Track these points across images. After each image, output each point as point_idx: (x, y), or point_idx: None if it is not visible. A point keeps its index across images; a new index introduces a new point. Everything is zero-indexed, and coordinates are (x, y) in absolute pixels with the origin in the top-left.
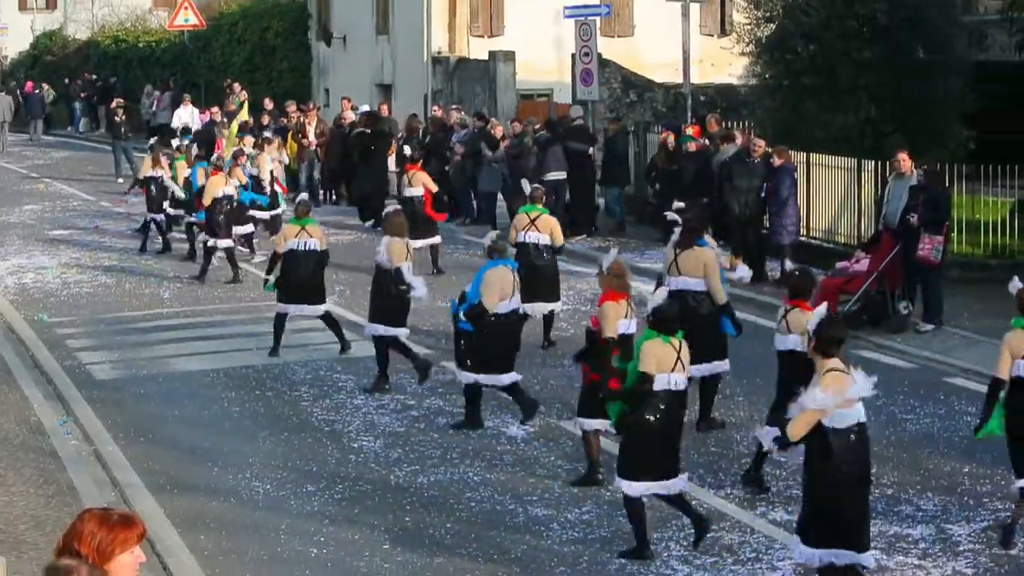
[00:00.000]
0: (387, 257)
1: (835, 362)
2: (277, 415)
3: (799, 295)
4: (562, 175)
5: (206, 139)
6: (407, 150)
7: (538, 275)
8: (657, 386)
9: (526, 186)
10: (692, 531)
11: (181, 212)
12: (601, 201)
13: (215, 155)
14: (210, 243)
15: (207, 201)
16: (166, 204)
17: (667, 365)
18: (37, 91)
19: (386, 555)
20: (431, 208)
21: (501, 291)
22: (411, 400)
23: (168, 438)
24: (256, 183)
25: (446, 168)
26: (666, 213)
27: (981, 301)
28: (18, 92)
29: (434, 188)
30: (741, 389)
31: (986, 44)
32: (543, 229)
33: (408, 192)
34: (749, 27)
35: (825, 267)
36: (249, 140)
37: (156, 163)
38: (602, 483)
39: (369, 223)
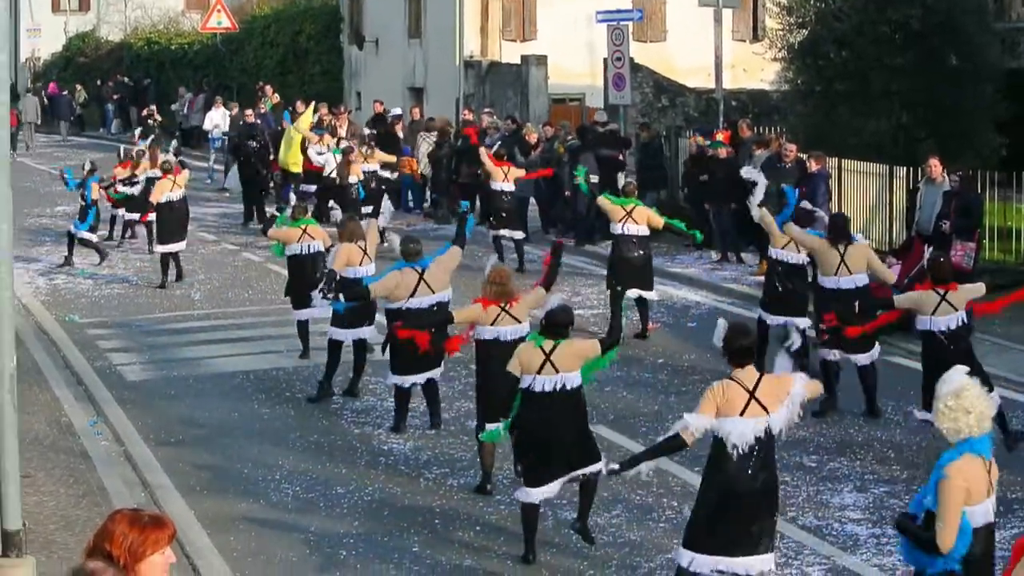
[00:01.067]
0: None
1: (741, 372)
2: (307, 417)
3: (944, 279)
4: (594, 179)
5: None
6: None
7: (631, 266)
8: (523, 385)
9: (620, 179)
10: None
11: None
12: None
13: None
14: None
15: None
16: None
17: (533, 367)
18: (64, 92)
19: (415, 558)
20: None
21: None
22: (441, 403)
23: (198, 440)
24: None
25: (478, 172)
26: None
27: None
28: (43, 94)
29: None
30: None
31: (1019, 51)
32: (640, 220)
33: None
34: (781, 32)
35: None
36: (328, 138)
37: (155, 163)
38: (490, 493)
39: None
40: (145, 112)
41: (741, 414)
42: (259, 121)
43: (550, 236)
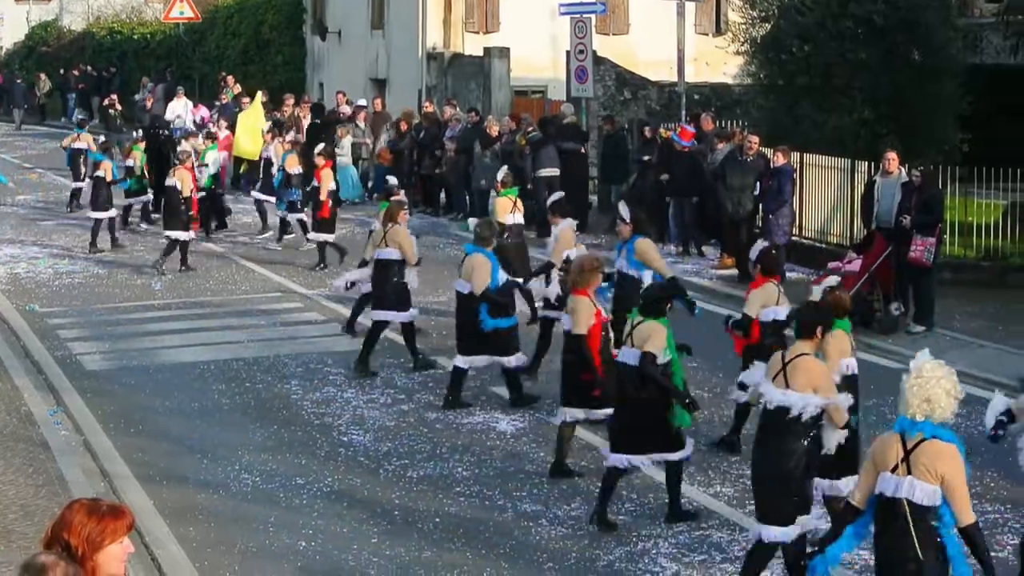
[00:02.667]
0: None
1: (800, 345)
2: (267, 407)
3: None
4: (555, 172)
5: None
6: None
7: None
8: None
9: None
10: (682, 529)
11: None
12: (594, 199)
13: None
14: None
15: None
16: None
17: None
18: (19, 80)
19: (374, 549)
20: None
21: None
22: (401, 394)
23: (158, 429)
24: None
25: (440, 164)
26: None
27: (972, 303)
28: None
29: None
30: (732, 387)
31: (981, 47)
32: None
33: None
34: (744, 26)
35: (817, 267)
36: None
37: (128, 155)
38: (572, 474)
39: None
40: (106, 102)
41: (773, 379)
42: (215, 114)
43: None
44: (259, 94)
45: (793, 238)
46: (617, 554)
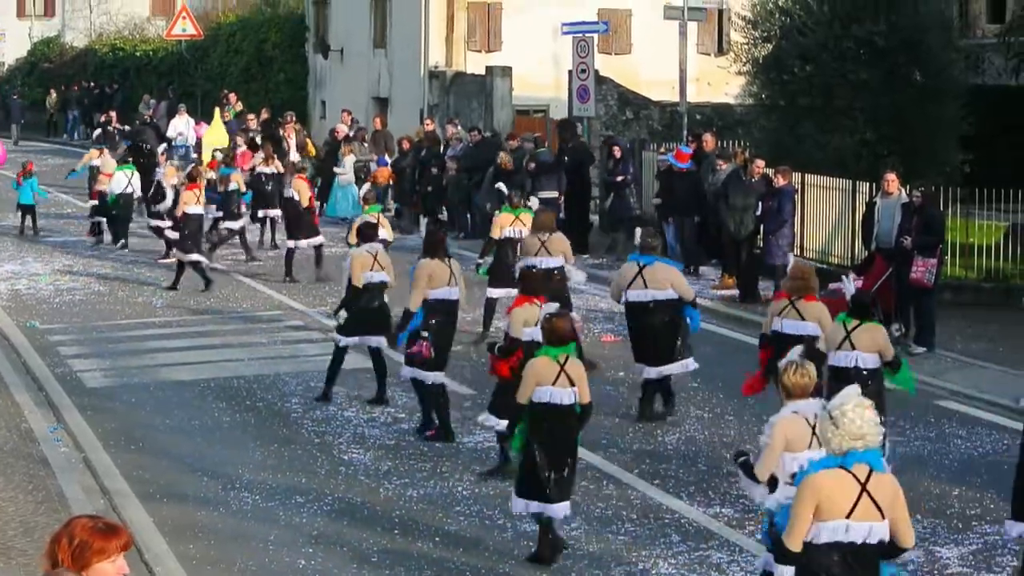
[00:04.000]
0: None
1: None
2: (267, 426)
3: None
4: (554, 193)
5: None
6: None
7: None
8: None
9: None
10: (682, 550)
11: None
12: (595, 218)
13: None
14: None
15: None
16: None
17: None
18: (15, 96)
19: (373, 568)
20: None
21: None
22: (401, 413)
23: (158, 447)
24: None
25: (443, 183)
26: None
27: (973, 324)
28: None
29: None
30: (732, 408)
31: (982, 68)
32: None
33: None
34: (746, 47)
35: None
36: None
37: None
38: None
39: None
40: (104, 118)
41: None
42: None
43: None
44: (217, 111)
45: (795, 258)
46: (616, 573)
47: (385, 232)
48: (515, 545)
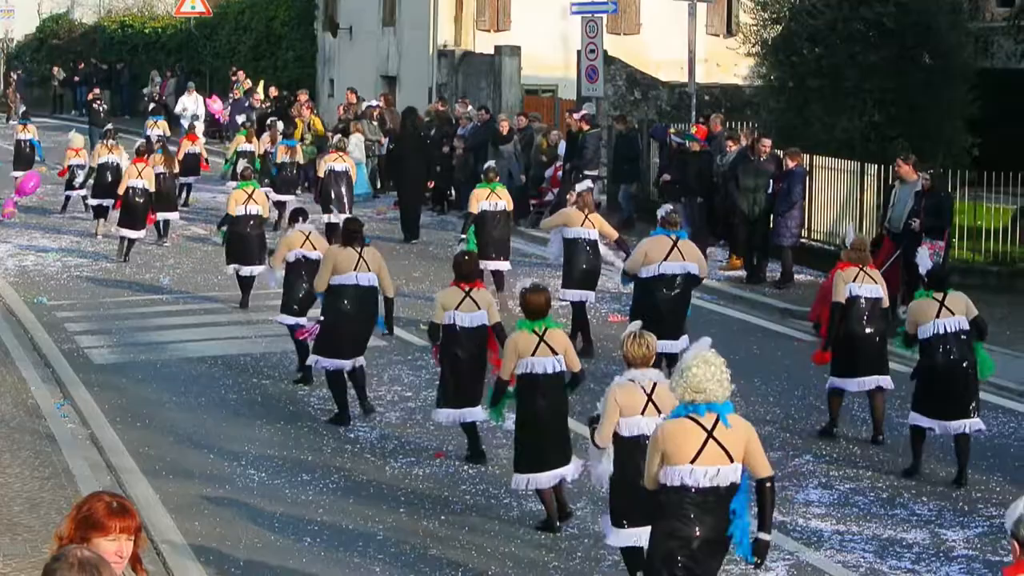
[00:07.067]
0: None
1: None
2: (274, 403)
3: None
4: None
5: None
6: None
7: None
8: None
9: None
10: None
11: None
12: (603, 197)
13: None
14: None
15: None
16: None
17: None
18: (20, 72)
19: (379, 546)
20: None
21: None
22: (408, 392)
23: (165, 424)
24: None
25: (452, 163)
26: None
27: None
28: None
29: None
30: (738, 389)
31: (992, 51)
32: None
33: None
34: (755, 28)
35: (826, 270)
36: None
37: (112, 149)
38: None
39: None
40: (91, 96)
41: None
42: (227, 108)
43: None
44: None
45: (802, 240)
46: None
47: (260, 207)
48: (521, 524)
